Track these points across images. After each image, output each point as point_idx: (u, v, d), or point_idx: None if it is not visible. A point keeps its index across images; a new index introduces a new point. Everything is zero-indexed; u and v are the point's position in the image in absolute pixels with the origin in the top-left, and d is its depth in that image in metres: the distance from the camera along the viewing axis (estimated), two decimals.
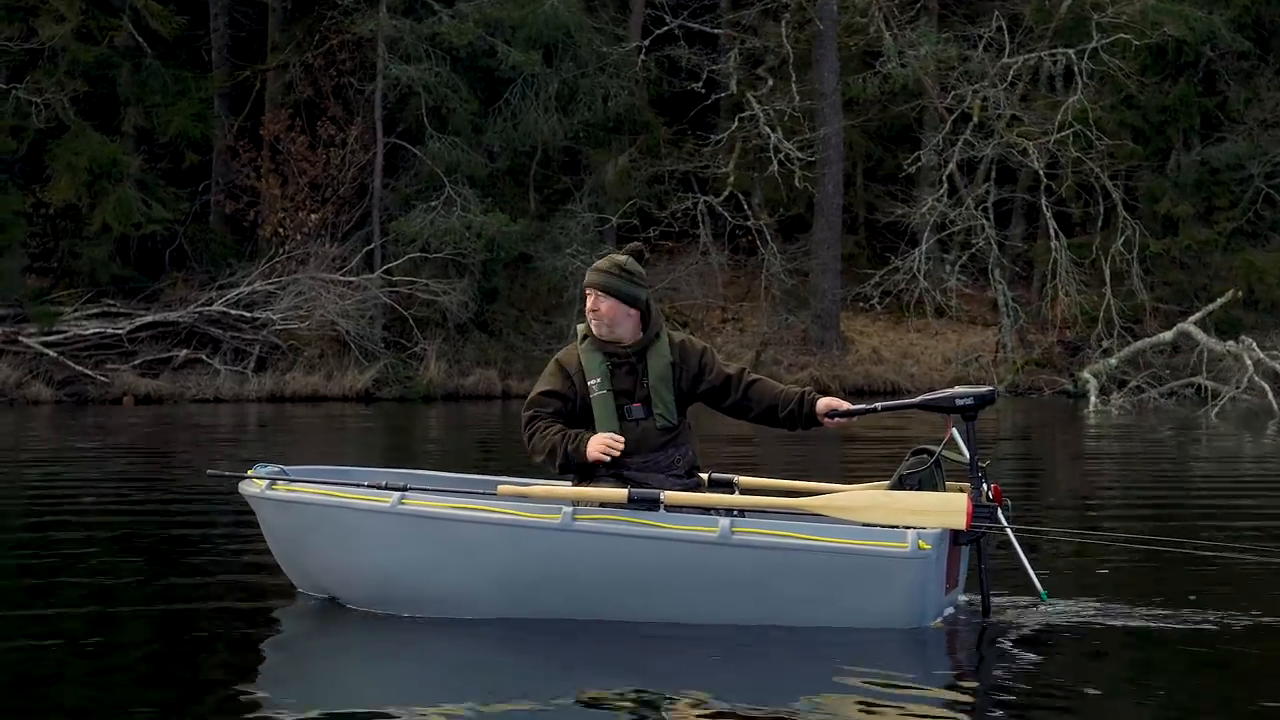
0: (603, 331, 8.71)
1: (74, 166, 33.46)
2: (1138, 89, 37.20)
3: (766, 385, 8.81)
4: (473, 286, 35.19)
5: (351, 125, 36.33)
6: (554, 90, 36.02)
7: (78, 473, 17.97)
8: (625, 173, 37.39)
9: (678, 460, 8.69)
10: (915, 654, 8.00)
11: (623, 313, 8.71)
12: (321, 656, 8.32)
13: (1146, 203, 38.33)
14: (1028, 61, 37.36)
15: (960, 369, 36.89)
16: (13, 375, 32.11)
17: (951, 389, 8.59)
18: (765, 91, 37.09)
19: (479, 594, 8.48)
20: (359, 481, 8.78)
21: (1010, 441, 23.68)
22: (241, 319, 33.94)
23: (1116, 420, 28.61)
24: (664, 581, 8.27)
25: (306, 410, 30.72)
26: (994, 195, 37.48)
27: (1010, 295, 37.28)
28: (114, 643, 8.34)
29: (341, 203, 36.26)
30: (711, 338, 37.17)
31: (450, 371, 34.85)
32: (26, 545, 11.91)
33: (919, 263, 36.99)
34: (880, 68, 37.44)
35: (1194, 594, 9.18)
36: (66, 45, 33.65)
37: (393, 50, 35.42)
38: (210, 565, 10.80)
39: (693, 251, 38.39)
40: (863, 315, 39.32)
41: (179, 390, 32.85)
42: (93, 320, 33.47)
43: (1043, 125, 36.55)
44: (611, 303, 8.70)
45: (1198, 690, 7.33)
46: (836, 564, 8.13)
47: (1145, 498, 15.48)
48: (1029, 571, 8.37)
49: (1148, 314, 36.73)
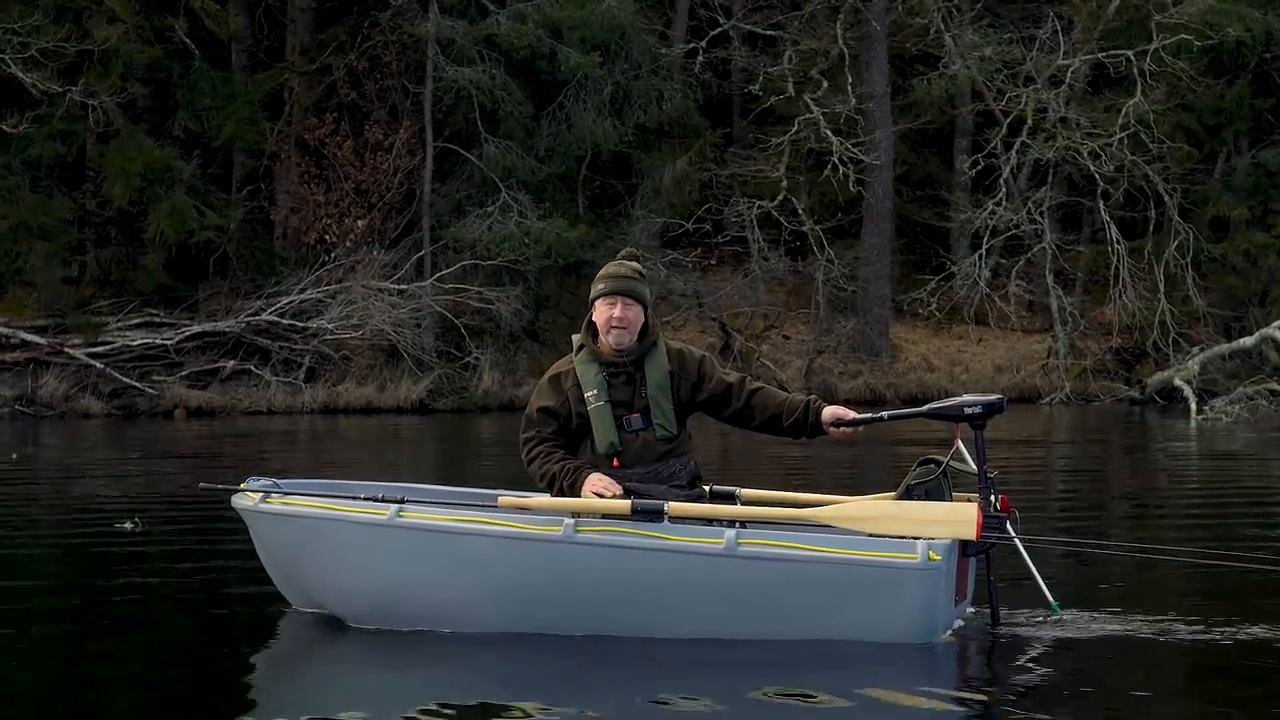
0: (624, 341, 8.49)
1: (127, 172, 32.96)
2: (1194, 90, 36.80)
3: (770, 393, 8.62)
4: (527, 294, 34.91)
5: (399, 129, 35.83)
6: (608, 93, 35.74)
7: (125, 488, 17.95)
8: (686, 177, 37.15)
9: (679, 471, 8.51)
10: (925, 668, 7.84)
11: (641, 319, 8.54)
12: (316, 671, 8.23)
13: (1203, 205, 37.92)
14: (1084, 62, 36.95)
15: (1013, 377, 36.52)
16: (60, 388, 31.74)
17: (960, 397, 8.43)
18: (821, 94, 36.78)
19: (479, 608, 8.33)
20: (354, 494, 8.66)
21: (1128, 454, 23.35)
22: (292, 329, 33.52)
23: (1224, 427, 28.17)
24: (668, 594, 8.12)
25: (360, 422, 30.59)
26: (1049, 200, 37.08)
27: (1067, 301, 36.93)
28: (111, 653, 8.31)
29: (389, 209, 35.78)
30: (759, 346, 36.93)
31: (504, 382, 34.48)
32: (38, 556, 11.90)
33: (979, 268, 36.68)
34: (944, 69, 37.13)
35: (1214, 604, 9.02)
36: (120, 47, 33.09)
37: (444, 52, 35.07)
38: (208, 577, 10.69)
39: (742, 259, 38.12)
40: (906, 323, 39.03)
41: (231, 402, 32.43)
42: (137, 330, 33.08)
43: (1103, 128, 36.16)
44: (637, 309, 8.52)
45: (1213, 702, 7.19)
46: (845, 576, 7.98)
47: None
48: (1040, 583, 8.21)
49: (1202, 320, 36.34)
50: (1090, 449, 24.61)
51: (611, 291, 8.49)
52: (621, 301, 8.47)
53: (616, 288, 8.48)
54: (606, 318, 8.48)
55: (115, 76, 33.19)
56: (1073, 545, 10.32)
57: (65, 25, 32.65)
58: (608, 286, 8.50)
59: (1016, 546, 8.25)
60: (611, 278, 8.53)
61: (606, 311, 8.48)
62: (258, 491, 8.77)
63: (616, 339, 8.47)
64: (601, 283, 8.54)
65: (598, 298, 8.53)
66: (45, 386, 31.59)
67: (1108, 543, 11.09)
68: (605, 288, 8.50)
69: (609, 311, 8.47)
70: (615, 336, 8.47)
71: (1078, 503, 16.18)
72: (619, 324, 8.46)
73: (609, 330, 8.47)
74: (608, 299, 8.49)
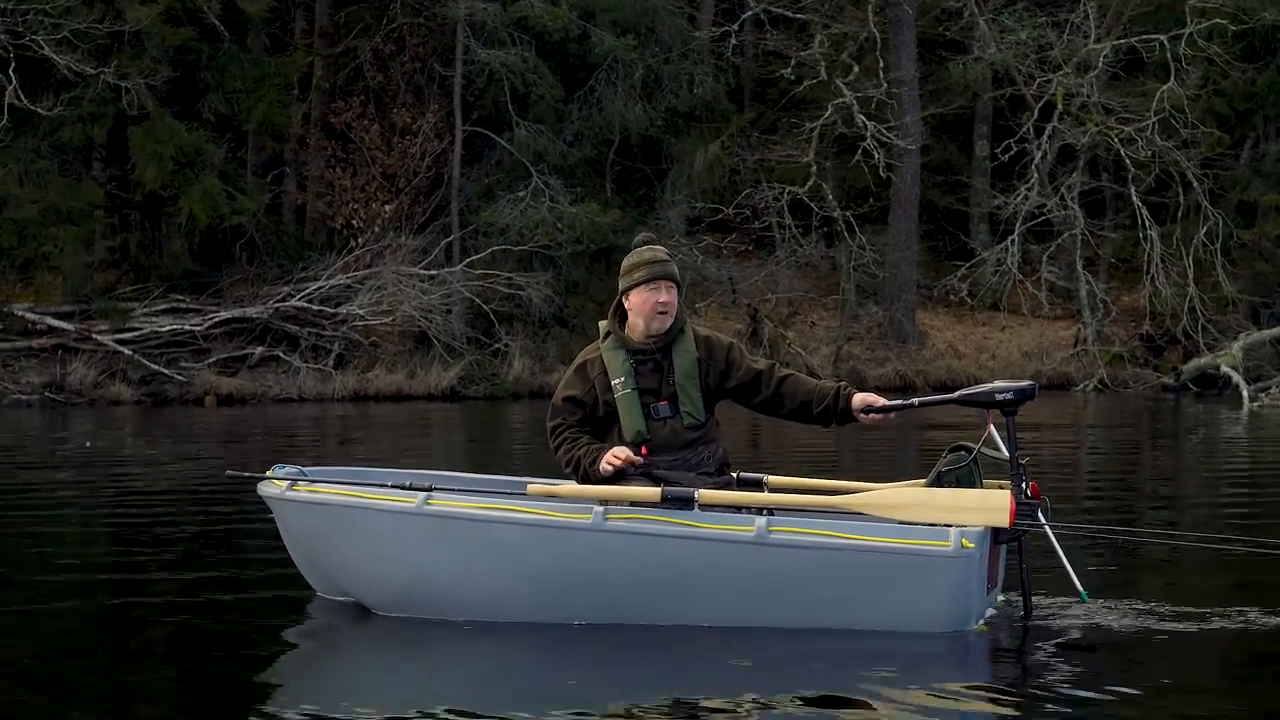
0: (668, 325, 8.41)
1: (160, 155, 32.74)
2: (1225, 76, 36.57)
3: (799, 380, 8.53)
4: (558, 280, 34.79)
5: (427, 112, 35.59)
6: (639, 76, 35.56)
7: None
8: (719, 161, 37.01)
9: (707, 458, 8.43)
10: (958, 657, 7.78)
11: (679, 302, 8.48)
12: (341, 660, 8.14)
13: (1234, 191, 37.72)
14: (1115, 47, 36.73)
15: (1041, 364, 36.37)
16: (89, 375, 31.67)
17: (991, 384, 8.34)
18: (852, 78, 36.59)
19: (508, 597, 8.27)
20: (381, 482, 8.59)
21: (1171, 442, 23.17)
22: (322, 314, 33.40)
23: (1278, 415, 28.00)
24: (699, 583, 8.04)
25: (391, 409, 30.51)
26: (1080, 185, 36.88)
27: (1098, 288, 36.74)
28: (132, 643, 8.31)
29: (416, 193, 35.59)
30: (786, 333, 36.80)
31: (534, 368, 34.35)
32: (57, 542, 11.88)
33: (1011, 254, 36.49)
34: (979, 53, 36.96)
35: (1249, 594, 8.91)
36: (153, 28, 32.83)
37: (475, 35, 34.87)
38: (234, 565, 10.65)
39: (769, 245, 37.97)
40: (929, 309, 38.89)
41: (261, 390, 32.35)
42: (164, 316, 32.98)
43: (1135, 113, 35.94)
44: (675, 292, 8.45)
45: (1248, 696, 7.07)
46: (877, 564, 7.90)
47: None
48: (1070, 572, 8.13)
49: (1231, 306, 36.15)
50: (1128, 436, 24.44)
51: (655, 277, 8.39)
52: (665, 286, 8.39)
53: (659, 273, 8.40)
54: (652, 303, 8.37)
55: (148, 59, 32.99)
56: (1104, 533, 10.21)
57: (96, 6, 32.45)
58: (649, 273, 8.39)
59: (1047, 534, 8.17)
60: (651, 263, 8.42)
61: (651, 297, 8.37)
62: (284, 479, 8.71)
63: (661, 324, 8.39)
64: (641, 270, 8.41)
65: (637, 284, 8.41)
66: (74, 373, 31.52)
67: (1140, 530, 10.96)
68: (647, 274, 8.39)
69: (654, 297, 8.37)
70: (660, 322, 8.39)
71: (1112, 490, 16.06)
72: (664, 309, 8.38)
73: (654, 315, 8.38)
74: (650, 285, 8.38)
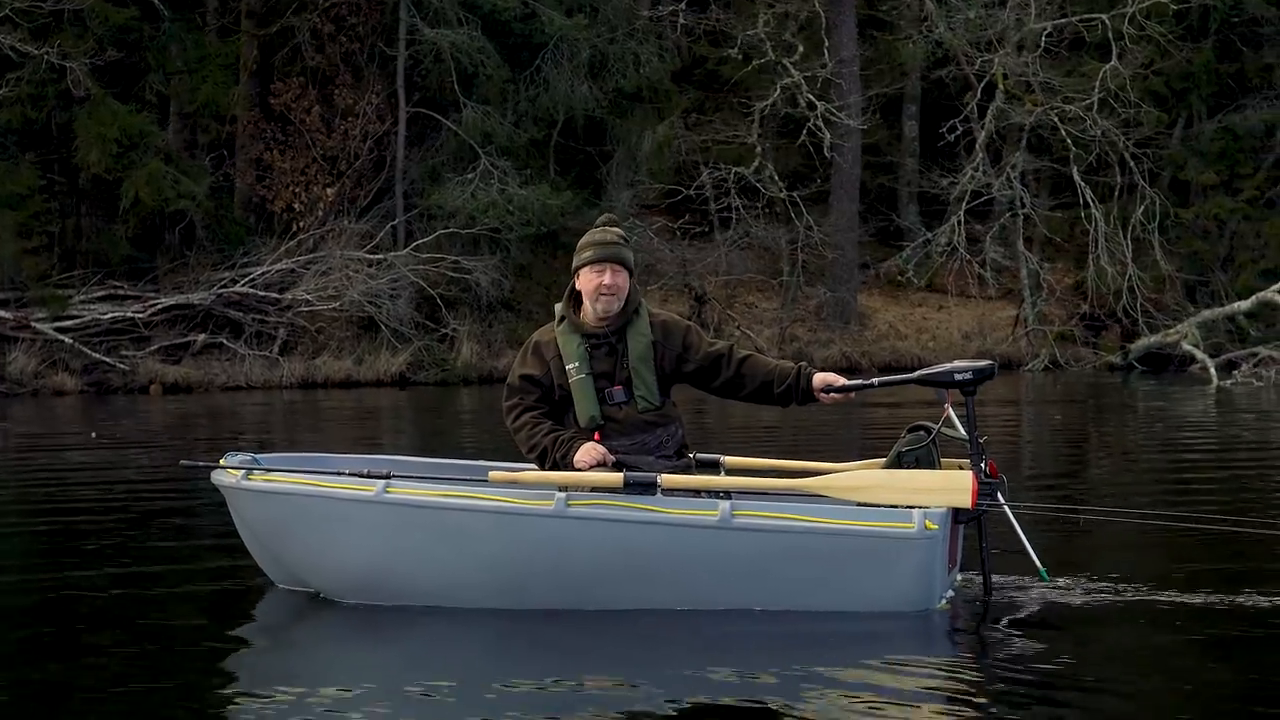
0: (613, 308, 8.35)
1: (104, 138, 32.01)
2: (1170, 54, 36.76)
3: (759, 361, 8.50)
4: (506, 264, 34.44)
5: (368, 93, 34.95)
6: (585, 57, 35.21)
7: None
8: (667, 143, 36.88)
9: (666, 440, 8.39)
10: (920, 635, 7.81)
11: (628, 286, 8.40)
12: (299, 648, 8.11)
13: (1171, 171, 37.99)
14: (1057, 26, 36.86)
15: (981, 343, 36.55)
16: (29, 364, 30.95)
17: (951, 364, 8.34)
18: (796, 59, 36.55)
19: (469, 584, 8.22)
20: (338, 470, 8.52)
21: (1124, 419, 23.24)
22: (267, 300, 32.92)
23: (1241, 392, 28.20)
24: (663, 568, 8.02)
25: (339, 396, 30.31)
26: (1022, 164, 37.04)
27: (1040, 268, 36.94)
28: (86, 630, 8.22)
29: (359, 176, 34.97)
30: (731, 315, 36.83)
31: (482, 353, 34.12)
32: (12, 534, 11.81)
33: (959, 235, 36.60)
34: (927, 32, 37.02)
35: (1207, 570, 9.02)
36: (96, 8, 32.19)
37: (420, 14, 34.38)
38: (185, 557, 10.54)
39: (714, 226, 37.94)
40: (866, 290, 39.07)
41: (208, 377, 31.94)
42: (101, 304, 32.30)
43: (1075, 92, 36.07)
44: (624, 276, 8.38)
45: (1205, 670, 7.14)
46: (842, 546, 7.91)
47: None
48: (1029, 551, 8.15)
49: (1167, 285, 36.42)
50: (1085, 414, 24.50)
51: (600, 259, 8.32)
52: (610, 268, 8.32)
53: (604, 254, 8.33)
54: (596, 285, 8.31)
55: (90, 39, 32.37)
56: (1062, 511, 10.25)
57: None
58: (595, 254, 8.33)
59: (1006, 514, 8.19)
60: (598, 245, 8.36)
61: (595, 279, 8.31)
62: (239, 468, 8.62)
63: (605, 306, 8.33)
64: (588, 250, 8.36)
65: (584, 265, 8.36)
66: (14, 363, 30.89)
67: (1098, 509, 11.04)
68: (592, 255, 8.33)
69: (598, 279, 8.31)
70: (604, 304, 8.32)
71: (1068, 469, 16.11)
72: (608, 291, 8.31)
73: (598, 298, 8.32)
74: (595, 266, 8.32)
